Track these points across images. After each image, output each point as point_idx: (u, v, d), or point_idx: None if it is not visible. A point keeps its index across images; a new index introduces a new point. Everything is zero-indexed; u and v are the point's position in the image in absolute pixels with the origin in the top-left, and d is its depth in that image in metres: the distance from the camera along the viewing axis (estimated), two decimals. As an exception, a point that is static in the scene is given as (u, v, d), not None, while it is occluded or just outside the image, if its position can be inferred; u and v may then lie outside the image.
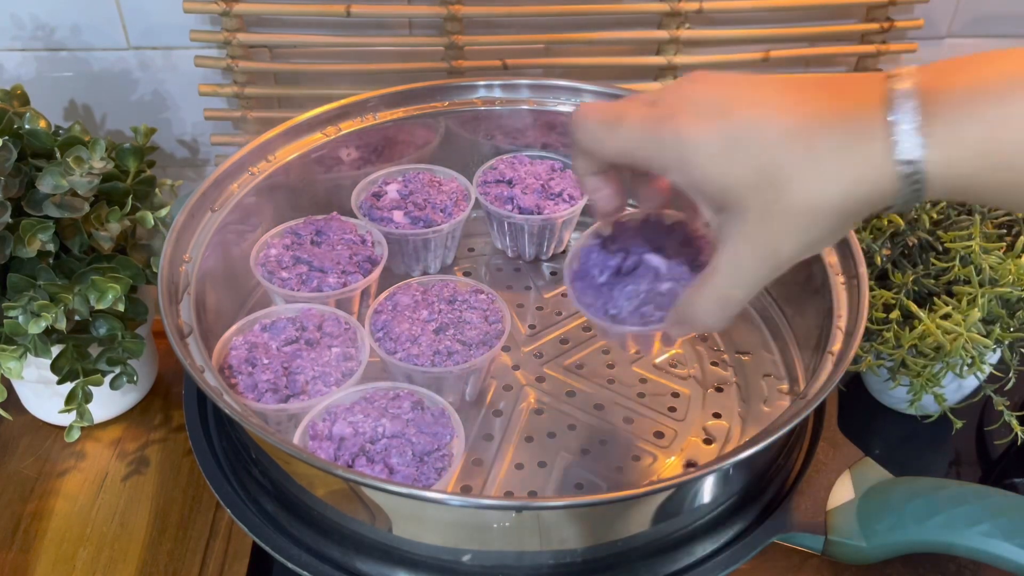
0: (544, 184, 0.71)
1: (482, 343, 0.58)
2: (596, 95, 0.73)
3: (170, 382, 0.75)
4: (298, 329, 0.58)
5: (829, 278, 0.58)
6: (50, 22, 0.78)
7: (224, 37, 0.77)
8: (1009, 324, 0.62)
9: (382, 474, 0.49)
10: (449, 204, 0.69)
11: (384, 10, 0.78)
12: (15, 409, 0.71)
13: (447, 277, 0.63)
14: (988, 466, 0.72)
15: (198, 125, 0.86)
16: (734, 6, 0.80)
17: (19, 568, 0.61)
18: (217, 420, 0.57)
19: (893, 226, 0.65)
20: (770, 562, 0.63)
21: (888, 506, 0.50)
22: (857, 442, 0.55)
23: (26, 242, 0.59)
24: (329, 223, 0.66)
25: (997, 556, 0.47)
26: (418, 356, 0.57)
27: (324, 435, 0.51)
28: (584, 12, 0.80)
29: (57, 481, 0.67)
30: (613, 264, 0.49)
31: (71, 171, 0.60)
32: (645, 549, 0.49)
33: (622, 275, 0.49)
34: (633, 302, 0.48)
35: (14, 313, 0.58)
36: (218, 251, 0.60)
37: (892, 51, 0.84)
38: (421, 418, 0.53)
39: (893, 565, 0.62)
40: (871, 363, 0.65)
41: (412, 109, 0.72)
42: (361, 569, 0.49)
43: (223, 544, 0.63)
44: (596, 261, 0.50)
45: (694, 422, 0.61)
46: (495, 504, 0.46)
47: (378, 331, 0.58)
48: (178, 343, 0.51)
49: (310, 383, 0.55)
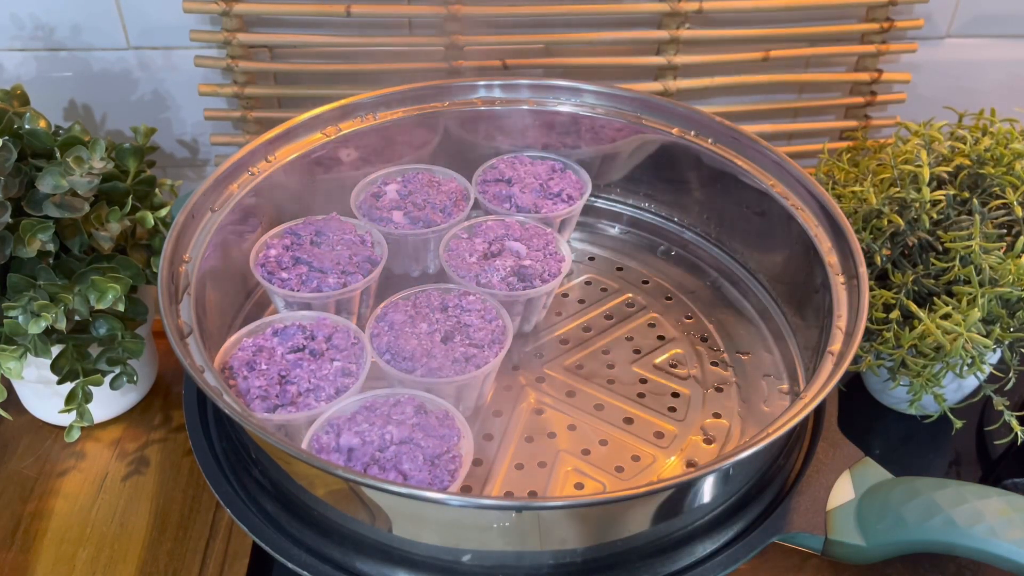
0: (543, 184, 0.71)
1: (492, 342, 0.58)
2: (596, 95, 0.73)
3: (170, 382, 0.75)
4: (307, 338, 0.58)
5: (829, 278, 0.58)
6: (50, 22, 0.78)
7: (224, 37, 0.77)
8: (1009, 324, 0.62)
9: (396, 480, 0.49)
10: (448, 204, 0.69)
11: (384, 10, 0.78)
12: (15, 409, 0.71)
13: (425, 287, 0.62)
14: (988, 466, 0.72)
15: (198, 125, 0.86)
16: (734, 6, 0.80)
17: (19, 568, 0.61)
18: (217, 420, 0.57)
19: (893, 226, 0.65)
20: (770, 562, 0.63)
21: (888, 506, 0.50)
22: (857, 442, 0.55)
23: (26, 242, 0.59)
24: (329, 223, 0.66)
25: (997, 556, 0.47)
26: (439, 369, 0.56)
27: (331, 447, 0.51)
28: (584, 12, 0.80)
29: (57, 481, 0.67)
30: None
31: (71, 171, 0.60)
32: (645, 549, 0.49)
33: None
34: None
35: (14, 313, 0.58)
36: (218, 251, 0.60)
37: (892, 51, 0.84)
38: (426, 422, 0.52)
39: (893, 565, 0.62)
40: (871, 363, 0.65)
41: (412, 109, 0.72)
42: (361, 569, 0.49)
43: (223, 544, 0.63)
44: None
45: (694, 422, 0.61)
46: (495, 504, 0.46)
47: (384, 354, 0.57)
48: (178, 343, 0.51)
49: (302, 395, 0.54)
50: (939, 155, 0.68)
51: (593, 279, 0.73)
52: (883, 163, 0.71)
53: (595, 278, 0.73)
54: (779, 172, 0.66)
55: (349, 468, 0.49)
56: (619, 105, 0.73)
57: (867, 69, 0.85)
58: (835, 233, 0.60)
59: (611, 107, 0.73)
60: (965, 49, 0.87)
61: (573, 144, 0.75)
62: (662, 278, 0.73)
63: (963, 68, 0.88)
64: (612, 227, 0.78)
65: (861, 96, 0.87)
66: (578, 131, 0.74)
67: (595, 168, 0.75)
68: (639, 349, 0.66)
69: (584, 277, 0.73)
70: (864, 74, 0.85)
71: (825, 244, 0.60)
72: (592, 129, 0.74)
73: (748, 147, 0.68)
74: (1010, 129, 0.69)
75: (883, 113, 0.89)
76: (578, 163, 0.74)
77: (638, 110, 0.72)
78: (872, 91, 0.87)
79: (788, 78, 0.85)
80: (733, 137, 0.69)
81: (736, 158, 0.68)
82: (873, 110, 0.88)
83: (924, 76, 0.88)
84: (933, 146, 0.69)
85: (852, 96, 0.87)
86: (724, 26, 0.82)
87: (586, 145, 0.75)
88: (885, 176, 0.68)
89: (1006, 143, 0.67)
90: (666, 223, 0.77)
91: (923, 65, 0.87)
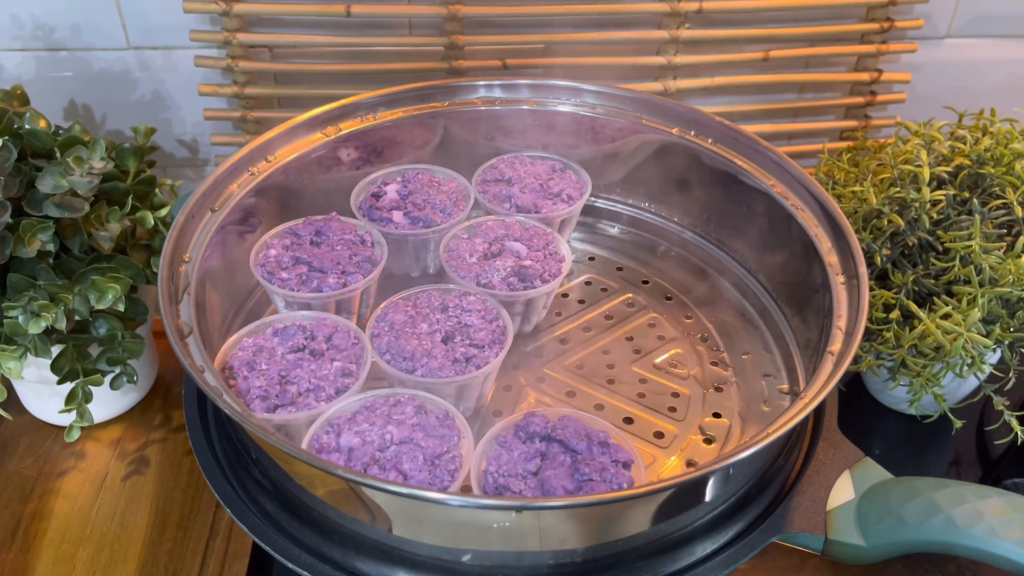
0: (543, 184, 0.71)
1: (493, 342, 0.58)
2: (596, 95, 0.73)
3: (170, 382, 0.75)
4: (307, 338, 0.58)
5: (829, 278, 0.58)
6: (50, 22, 0.78)
7: (224, 37, 0.77)
8: (1009, 324, 0.62)
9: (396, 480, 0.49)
10: (448, 204, 0.69)
11: (384, 10, 0.78)
12: (15, 409, 0.71)
13: (426, 287, 0.62)
14: (988, 466, 0.72)
15: (198, 125, 0.86)
16: (734, 6, 0.80)
17: (19, 568, 0.61)
18: (217, 420, 0.57)
19: (893, 226, 0.65)
20: (770, 562, 0.63)
21: (888, 506, 0.50)
22: (857, 442, 0.55)
23: (26, 242, 0.58)
24: (328, 223, 0.66)
25: (997, 556, 0.47)
26: (440, 369, 0.56)
27: (331, 447, 0.51)
28: (584, 12, 0.80)
29: (57, 481, 0.67)
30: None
31: (71, 171, 0.60)
32: (645, 549, 0.49)
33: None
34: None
35: (14, 313, 0.58)
36: (218, 251, 0.60)
37: (892, 51, 0.84)
38: (427, 422, 0.52)
39: (893, 565, 0.62)
40: (871, 363, 0.65)
41: (412, 109, 0.72)
42: (361, 569, 0.49)
43: (223, 544, 0.63)
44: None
45: (694, 422, 0.61)
46: (495, 504, 0.46)
47: (384, 354, 0.57)
48: (178, 343, 0.51)
49: (302, 395, 0.54)
50: (939, 155, 0.68)
51: (593, 279, 0.73)
52: (883, 163, 0.71)
53: (595, 278, 0.73)
54: (779, 172, 0.66)
55: (349, 468, 0.49)
56: (619, 105, 0.73)
57: (867, 69, 0.86)
58: (835, 233, 0.60)
59: (611, 107, 0.73)
60: (965, 49, 0.87)
61: (573, 144, 0.75)
62: (662, 278, 0.73)
63: (963, 68, 0.88)
64: (612, 227, 0.78)
65: (861, 96, 0.87)
66: (578, 131, 0.74)
67: (595, 168, 0.75)
68: (639, 349, 0.66)
69: (584, 277, 0.73)
70: (864, 74, 0.85)
71: (825, 244, 0.60)
72: (592, 129, 0.74)
73: (748, 147, 0.68)
74: (1010, 129, 0.69)
75: (883, 113, 0.89)
76: (578, 163, 0.74)
77: (638, 110, 0.72)
78: (872, 91, 0.87)
79: (788, 78, 0.85)
80: (733, 137, 0.69)
81: (736, 158, 0.68)
82: (873, 110, 0.88)
83: (924, 76, 0.88)
84: (933, 146, 0.69)
85: (852, 96, 0.87)
86: (724, 26, 0.82)
87: (586, 145, 0.75)
88: (885, 176, 0.68)
89: (1006, 143, 0.67)
90: (666, 223, 0.77)
91: (923, 65, 0.87)
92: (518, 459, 0.51)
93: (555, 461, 0.51)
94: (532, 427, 0.52)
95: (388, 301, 0.61)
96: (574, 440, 0.51)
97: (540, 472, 0.50)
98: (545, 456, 0.51)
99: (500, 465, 0.50)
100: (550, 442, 0.52)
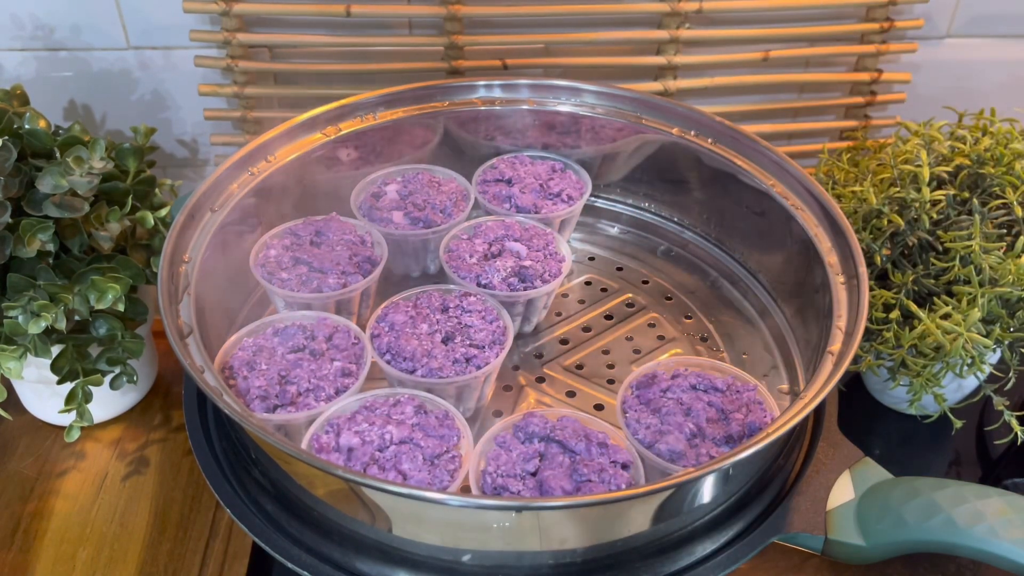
0: (543, 184, 0.71)
1: (493, 343, 0.58)
2: (596, 95, 0.73)
3: (170, 382, 0.75)
4: (307, 338, 0.58)
5: (829, 278, 0.58)
6: (50, 22, 0.78)
7: (224, 37, 0.77)
8: (1009, 324, 0.62)
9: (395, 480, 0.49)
10: (449, 204, 0.69)
11: (384, 10, 0.78)
12: (15, 409, 0.71)
13: (426, 288, 0.62)
14: (988, 466, 0.72)
15: (198, 125, 0.86)
16: (734, 6, 0.80)
17: (19, 568, 0.61)
18: (217, 420, 0.57)
19: (893, 226, 0.65)
20: (770, 562, 0.63)
21: (888, 506, 0.50)
22: (857, 442, 0.55)
23: (26, 242, 0.59)
24: (328, 224, 0.66)
25: (997, 556, 0.47)
26: (440, 369, 0.56)
27: (331, 447, 0.51)
28: (584, 12, 0.80)
29: (57, 481, 0.67)
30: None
31: (71, 171, 0.60)
32: (645, 549, 0.49)
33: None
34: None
35: (14, 313, 0.58)
36: (218, 251, 0.60)
37: (892, 51, 0.84)
38: (426, 422, 0.52)
39: (893, 565, 0.62)
40: (871, 363, 0.65)
41: (412, 109, 0.72)
42: (361, 569, 0.49)
43: (223, 544, 0.63)
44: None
45: (694, 422, 0.61)
46: (495, 504, 0.46)
47: (385, 354, 0.57)
48: (178, 343, 0.51)
49: (302, 395, 0.54)
50: (939, 155, 0.68)
51: (593, 279, 0.73)
52: (883, 163, 0.70)
53: (595, 278, 0.73)
54: (779, 172, 0.66)
55: (349, 468, 0.49)
56: (619, 105, 0.73)
57: (867, 69, 0.85)
58: (835, 233, 0.60)
59: (611, 107, 0.73)
60: (965, 49, 0.87)
61: (573, 144, 0.75)
62: (662, 278, 0.73)
63: (963, 68, 0.88)
64: (612, 227, 0.78)
65: (861, 96, 0.87)
66: (578, 131, 0.74)
67: (595, 168, 0.75)
68: (639, 349, 0.66)
69: (584, 277, 0.73)
70: (864, 74, 0.85)
71: (825, 244, 0.60)
72: (592, 129, 0.74)
73: (748, 147, 0.68)
74: (1010, 129, 0.69)
75: (883, 113, 0.89)
76: (578, 163, 0.74)
77: (638, 110, 0.72)
78: (872, 91, 0.87)
79: (788, 78, 0.85)
80: (733, 137, 0.68)
81: (736, 158, 0.68)
82: (873, 110, 0.88)
83: (924, 76, 0.88)
84: (933, 146, 0.69)
85: (852, 96, 0.87)
86: (724, 26, 0.82)
87: (586, 145, 0.75)
88: (885, 176, 0.68)
89: (1006, 143, 0.67)
90: (666, 223, 0.77)
91: (923, 65, 0.87)
92: (516, 459, 0.51)
93: (554, 462, 0.51)
94: (531, 427, 0.52)
95: (388, 301, 0.61)
96: (573, 441, 0.51)
97: (539, 472, 0.50)
98: (544, 457, 0.51)
99: (499, 465, 0.50)
100: (549, 443, 0.52)
